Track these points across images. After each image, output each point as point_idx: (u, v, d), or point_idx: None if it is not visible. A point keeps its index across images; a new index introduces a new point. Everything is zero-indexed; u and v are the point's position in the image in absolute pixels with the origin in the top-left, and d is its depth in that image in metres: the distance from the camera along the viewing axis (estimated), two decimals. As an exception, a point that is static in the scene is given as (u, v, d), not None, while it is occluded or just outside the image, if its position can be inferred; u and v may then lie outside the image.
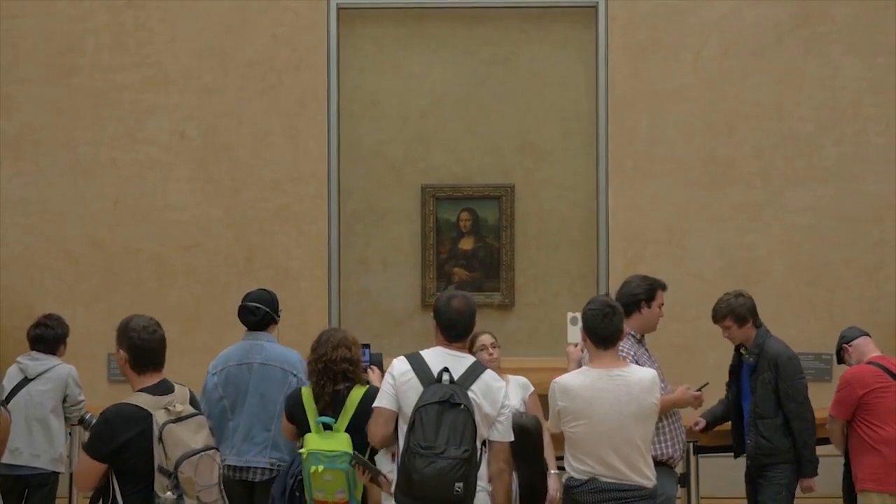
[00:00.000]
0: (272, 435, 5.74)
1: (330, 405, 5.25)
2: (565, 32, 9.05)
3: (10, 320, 8.28)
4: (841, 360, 6.47)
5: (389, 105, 9.11)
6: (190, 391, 4.72)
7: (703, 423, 6.44)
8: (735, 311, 6.18)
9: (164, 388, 4.54)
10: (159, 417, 4.40)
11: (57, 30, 8.87)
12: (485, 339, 6.09)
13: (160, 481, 4.38)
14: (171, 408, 4.46)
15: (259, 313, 5.91)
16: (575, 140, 9.05)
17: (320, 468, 5.07)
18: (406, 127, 9.11)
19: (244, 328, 6.01)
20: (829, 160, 8.82)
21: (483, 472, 4.83)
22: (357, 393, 5.28)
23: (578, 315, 5.25)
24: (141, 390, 4.51)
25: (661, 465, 5.65)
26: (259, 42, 8.90)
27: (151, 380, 4.55)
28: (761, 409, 6.11)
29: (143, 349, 4.55)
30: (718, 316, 6.23)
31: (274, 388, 5.78)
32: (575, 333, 5.44)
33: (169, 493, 4.37)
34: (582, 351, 5.42)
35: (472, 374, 4.86)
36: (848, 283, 8.78)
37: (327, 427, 5.19)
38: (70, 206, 8.88)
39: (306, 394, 5.34)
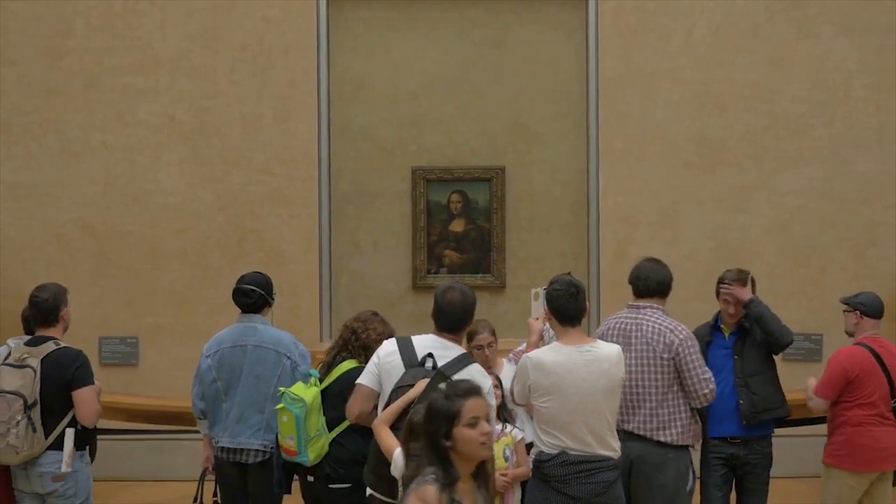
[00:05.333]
0: (265, 417, 5.75)
1: (327, 368, 5.64)
2: (556, 14, 9.03)
3: (2, 304, 8.26)
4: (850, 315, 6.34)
5: (380, 87, 9.09)
6: (64, 354, 5.61)
7: None
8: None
9: (32, 342, 5.68)
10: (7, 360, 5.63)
11: (46, 12, 8.85)
12: (482, 338, 5.96)
13: None
14: (17, 355, 5.60)
15: (253, 296, 5.90)
16: (566, 122, 9.05)
17: (281, 405, 5.45)
18: (397, 109, 9.09)
19: (237, 311, 6.01)
20: (821, 141, 8.84)
21: None
22: (346, 364, 5.54)
23: (540, 291, 5.43)
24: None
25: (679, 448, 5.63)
26: (249, 24, 8.88)
27: (35, 333, 5.74)
28: (752, 367, 6.13)
29: (29, 312, 5.84)
30: (744, 279, 6.21)
31: (267, 371, 5.79)
32: (537, 308, 5.53)
33: None
34: (543, 324, 5.50)
35: (458, 364, 4.86)
36: (839, 264, 8.81)
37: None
38: (61, 189, 8.87)
39: None
